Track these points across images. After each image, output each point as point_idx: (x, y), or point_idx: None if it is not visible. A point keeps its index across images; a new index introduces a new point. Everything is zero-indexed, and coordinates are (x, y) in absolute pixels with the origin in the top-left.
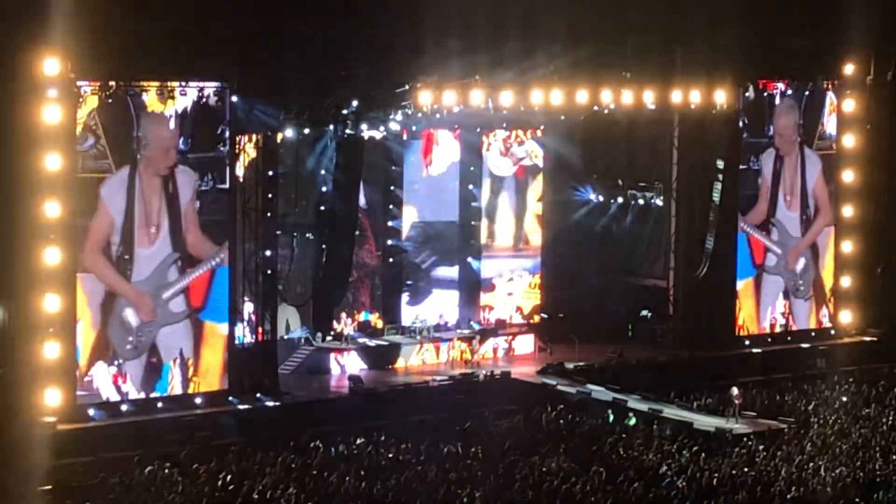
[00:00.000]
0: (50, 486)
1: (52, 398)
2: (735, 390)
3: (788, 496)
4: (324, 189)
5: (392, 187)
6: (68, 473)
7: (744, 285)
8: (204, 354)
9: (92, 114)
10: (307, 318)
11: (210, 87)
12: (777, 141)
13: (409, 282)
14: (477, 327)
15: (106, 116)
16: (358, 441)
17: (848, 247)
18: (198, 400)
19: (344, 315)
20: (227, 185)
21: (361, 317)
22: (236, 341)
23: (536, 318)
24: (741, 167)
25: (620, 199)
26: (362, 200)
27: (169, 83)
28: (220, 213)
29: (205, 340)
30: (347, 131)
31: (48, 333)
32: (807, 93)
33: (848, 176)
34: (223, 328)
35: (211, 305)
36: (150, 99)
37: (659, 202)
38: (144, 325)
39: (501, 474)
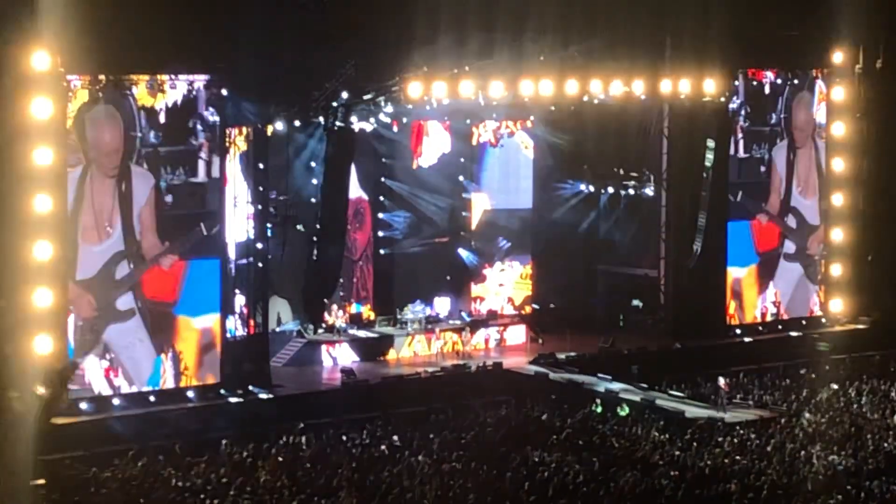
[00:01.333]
0: (43, 481)
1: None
2: (722, 380)
3: (780, 484)
4: (314, 181)
5: (383, 178)
6: (61, 468)
7: (746, 272)
8: (179, 349)
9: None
10: (299, 311)
11: (200, 81)
12: (795, 135)
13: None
14: (468, 318)
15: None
16: (350, 433)
17: (838, 235)
18: (190, 393)
19: (335, 307)
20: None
21: (353, 309)
22: (228, 334)
23: (528, 309)
24: (744, 156)
25: (611, 190)
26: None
27: (159, 76)
28: (189, 208)
29: (178, 335)
30: (337, 123)
31: (39, 328)
32: (795, 81)
33: (838, 164)
34: (196, 322)
35: (183, 300)
36: (140, 92)
37: (649, 192)
38: (87, 322)
39: (494, 465)
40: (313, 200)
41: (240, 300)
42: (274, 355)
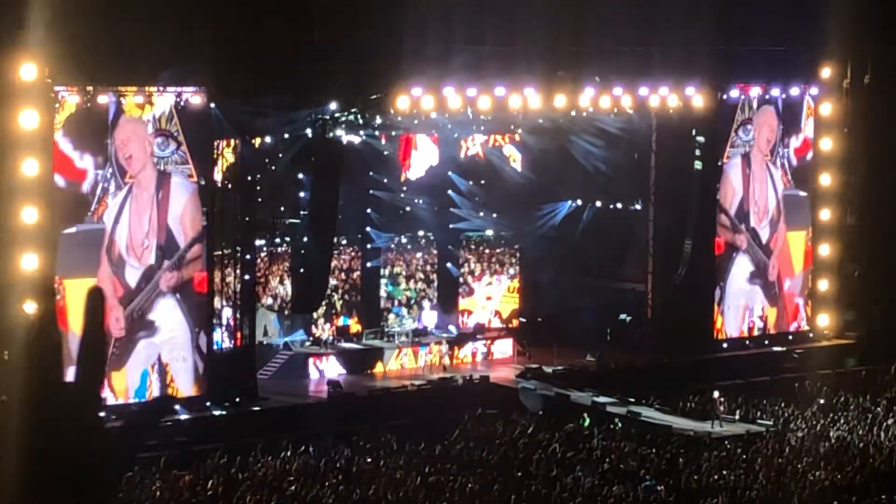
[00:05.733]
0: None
1: None
2: (717, 394)
3: (768, 499)
4: (302, 194)
5: (371, 191)
6: None
7: None
8: (166, 361)
9: (172, 119)
10: (294, 323)
11: (188, 92)
12: (753, 152)
13: None
14: (456, 332)
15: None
16: (336, 446)
17: (825, 250)
18: (176, 406)
19: (322, 320)
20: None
21: (340, 321)
22: (214, 346)
23: (515, 323)
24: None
25: (599, 204)
26: None
27: (147, 88)
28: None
29: None
30: (326, 136)
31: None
32: (782, 95)
33: (825, 179)
34: None
35: None
36: (128, 104)
37: (637, 206)
38: (124, 334)
39: (480, 479)
40: (301, 213)
41: (227, 312)
42: (260, 368)
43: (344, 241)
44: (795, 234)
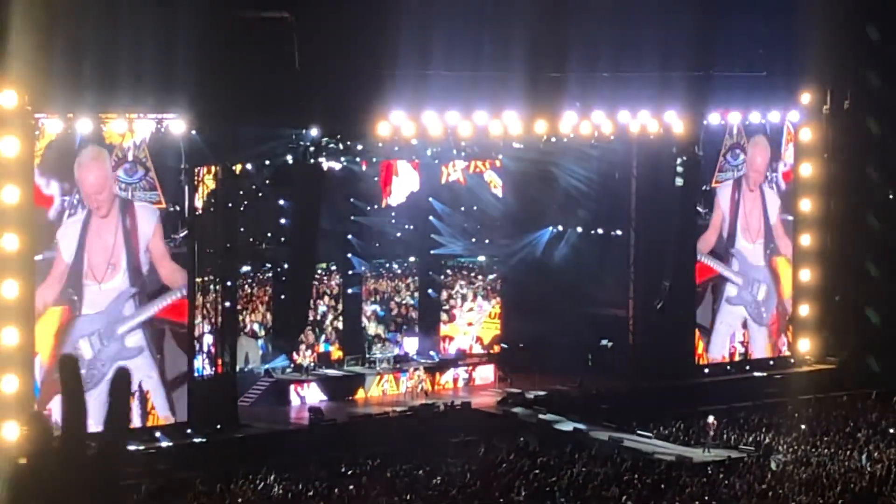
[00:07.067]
0: None
1: (9, 432)
2: (711, 418)
3: None
4: (283, 220)
5: (352, 217)
6: None
7: None
8: (147, 388)
9: (142, 145)
10: (276, 349)
11: (169, 118)
12: (746, 177)
13: None
14: (437, 358)
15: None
16: (318, 473)
17: (806, 275)
18: (157, 433)
19: (303, 347)
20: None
21: (321, 348)
22: (195, 373)
23: (496, 348)
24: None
25: (580, 229)
26: None
27: (127, 115)
28: (181, 245)
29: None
30: (307, 162)
31: (6, 367)
32: (764, 122)
33: (805, 205)
34: None
35: None
36: (108, 131)
37: (618, 232)
38: (97, 359)
39: None
40: (283, 239)
41: (208, 339)
42: (242, 395)
43: (334, 267)
44: (783, 258)
